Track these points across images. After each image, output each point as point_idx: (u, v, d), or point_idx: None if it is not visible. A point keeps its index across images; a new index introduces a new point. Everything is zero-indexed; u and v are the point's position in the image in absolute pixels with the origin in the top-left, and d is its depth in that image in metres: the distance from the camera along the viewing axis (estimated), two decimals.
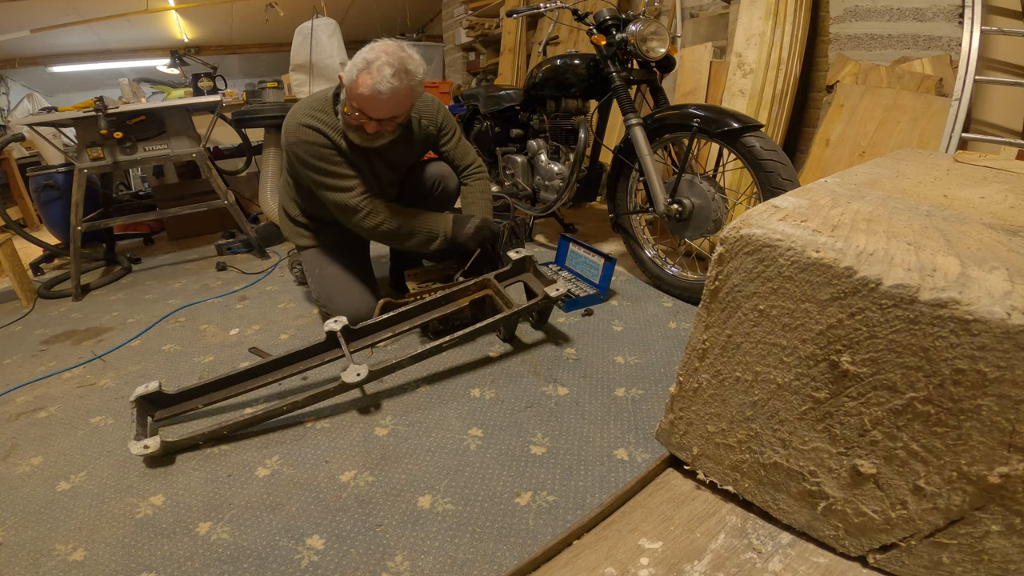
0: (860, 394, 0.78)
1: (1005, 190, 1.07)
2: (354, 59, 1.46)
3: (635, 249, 2.02)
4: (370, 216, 1.60)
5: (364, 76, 1.42)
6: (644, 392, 1.34)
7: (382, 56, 1.41)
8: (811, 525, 0.87)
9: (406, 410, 1.34)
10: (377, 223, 1.60)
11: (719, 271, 0.90)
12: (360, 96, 1.44)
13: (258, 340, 1.80)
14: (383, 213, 1.60)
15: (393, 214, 1.61)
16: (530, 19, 4.15)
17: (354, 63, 1.45)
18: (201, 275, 2.57)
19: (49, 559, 0.98)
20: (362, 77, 1.42)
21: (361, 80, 1.43)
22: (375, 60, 1.41)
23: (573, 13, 2.03)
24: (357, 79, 1.44)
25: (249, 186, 3.55)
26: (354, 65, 1.45)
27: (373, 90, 1.41)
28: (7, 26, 4.80)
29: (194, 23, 5.98)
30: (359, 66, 1.43)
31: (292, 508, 1.06)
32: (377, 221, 1.60)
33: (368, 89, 1.42)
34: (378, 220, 1.60)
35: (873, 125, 2.06)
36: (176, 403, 1.36)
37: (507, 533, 0.96)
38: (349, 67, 1.46)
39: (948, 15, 1.94)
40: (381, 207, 1.61)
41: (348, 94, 1.48)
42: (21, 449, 1.32)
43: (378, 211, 1.60)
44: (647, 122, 1.80)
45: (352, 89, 1.45)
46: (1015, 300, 0.64)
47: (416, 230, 1.63)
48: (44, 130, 2.72)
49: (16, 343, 1.97)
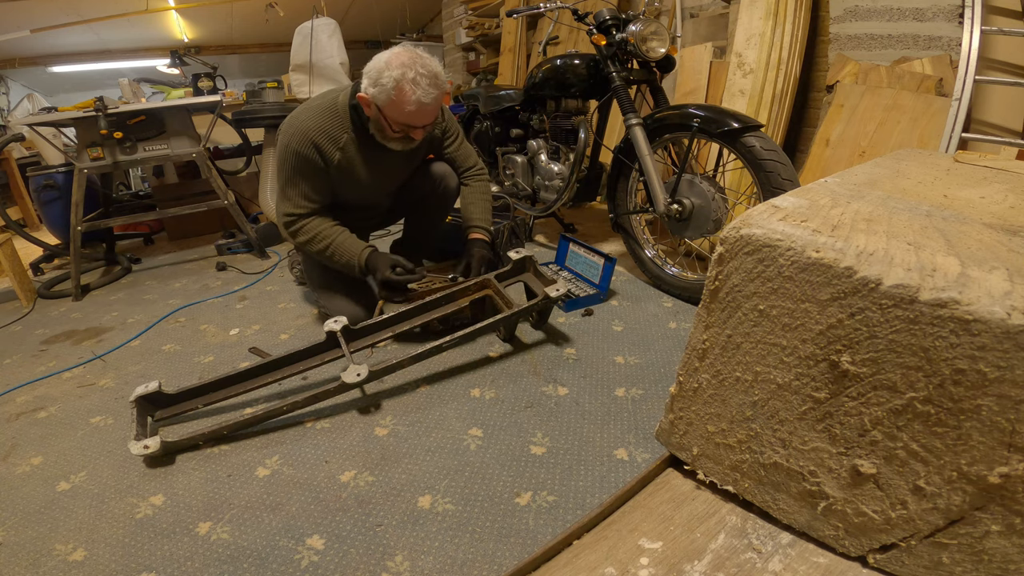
0: (860, 394, 0.78)
1: (1005, 190, 1.07)
2: (376, 79, 1.45)
3: (635, 249, 2.02)
4: (299, 233, 1.62)
5: (404, 94, 1.44)
6: (644, 392, 1.34)
7: (409, 70, 1.43)
8: (811, 525, 0.87)
9: (406, 410, 1.34)
10: (303, 241, 1.63)
11: (719, 271, 0.90)
12: (408, 113, 1.47)
13: (258, 340, 1.80)
14: (310, 233, 1.61)
15: (318, 236, 1.61)
16: (530, 19, 4.15)
17: (380, 83, 1.44)
18: (201, 275, 2.57)
19: (49, 559, 0.98)
20: (402, 96, 1.44)
21: (402, 98, 1.44)
22: (405, 75, 1.42)
23: (573, 13, 2.03)
24: (396, 99, 1.45)
25: (249, 186, 3.55)
26: (381, 85, 1.44)
27: (419, 104, 1.46)
28: (7, 26, 4.80)
29: (194, 23, 5.98)
30: (390, 86, 1.43)
31: (292, 508, 1.06)
32: (304, 240, 1.62)
33: (414, 105, 1.45)
34: (305, 239, 1.62)
35: (873, 125, 2.06)
36: (176, 403, 1.36)
37: (507, 533, 0.96)
38: (377, 88, 1.45)
39: (948, 15, 1.94)
40: (311, 228, 1.61)
41: (389, 113, 1.49)
42: (21, 449, 1.32)
43: (306, 231, 1.61)
44: (647, 122, 1.80)
45: (394, 109, 1.47)
46: (1015, 300, 0.64)
47: (334, 256, 1.62)
48: (44, 130, 2.72)
49: (16, 343, 1.97)
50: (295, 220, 1.62)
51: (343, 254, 1.61)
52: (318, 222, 1.63)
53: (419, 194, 1.89)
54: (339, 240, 1.62)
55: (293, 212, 1.61)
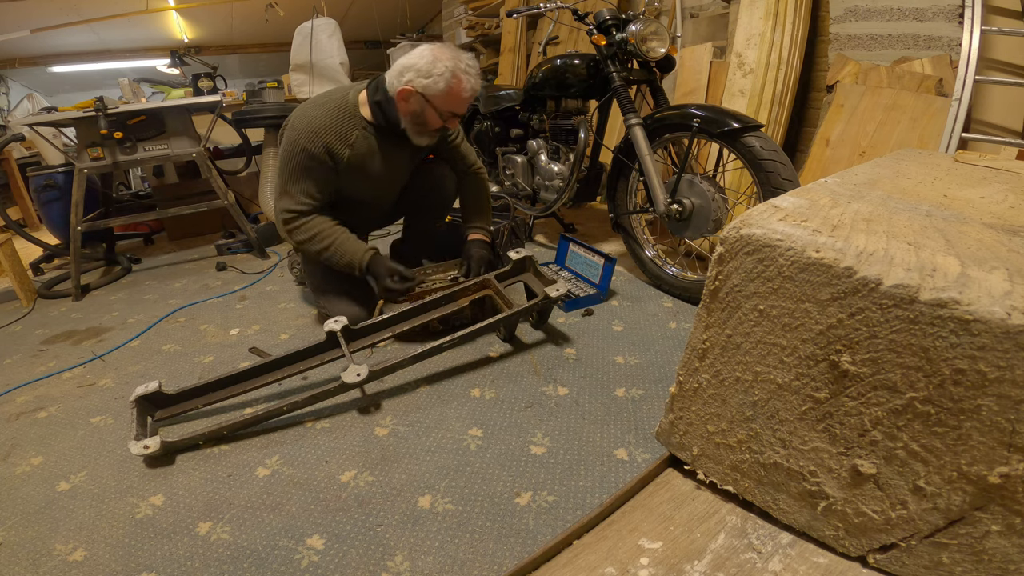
0: (860, 394, 0.78)
1: (1005, 190, 1.07)
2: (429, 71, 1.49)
3: (635, 249, 2.02)
4: (297, 232, 1.61)
5: (460, 82, 1.52)
6: (644, 392, 1.34)
7: (460, 62, 1.52)
8: (811, 525, 0.87)
9: (406, 410, 1.34)
10: (301, 240, 1.62)
11: (719, 271, 0.90)
12: (462, 100, 1.56)
13: (258, 340, 1.80)
14: (309, 232, 1.61)
15: (318, 236, 1.61)
16: (530, 19, 4.15)
17: (433, 73, 1.49)
18: (201, 275, 2.57)
19: (49, 559, 0.98)
20: (458, 84, 1.52)
21: (459, 86, 1.53)
22: (458, 66, 1.51)
23: (573, 13, 2.03)
24: (452, 87, 1.52)
25: (249, 186, 3.55)
26: (435, 75, 1.49)
27: (472, 90, 1.56)
28: (7, 26, 4.79)
29: (194, 23, 5.98)
30: (447, 76, 1.50)
31: (292, 508, 1.06)
32: (302, 238, 1.62)
33: (469, 91, 1.55)
34: (303, 238, 1.61)
35: (873, 125, 2.06)
36: (176, 403, 1.36)
37: (507, 533, 0.96)
38: (431, 79, 1.50)
39: (948, 15, 1.93)
40: (310, 227, 1.61)
41: (441, 103, 1.54)
42: (21, 449, 1.32)
43: (305, 230, 1.61)
44: (647, 122, 1.80)
45: (448, 96, 1.53)
46: (1015, 300, 0.64)
47: (333, 256, 1.62)
48: (44, 130, 2.72)
49: (16, 343, 1.97)
50: (295, 217, 1.61)
51: (344, 255, 1.61)
52: (319, 221, 1.62)
53: (418, 194, 1.89)
54: (340, 240, 1.62)
55: (294, 209, 1.60)
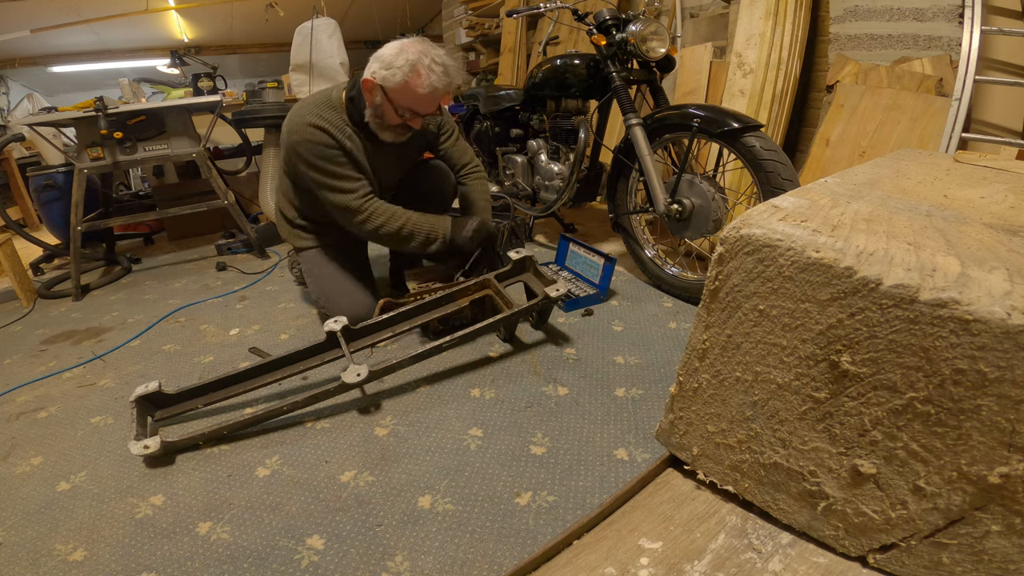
0: (860, 394, 0.78)
1: (1005, 190, 1.07)
2: (391, 62, 1.46)
3: (635, 249, 2.02)
4: (371, 219, 1.60)
5: (417, 77, 1.46)
6: (644, 392, 1.34)
7: (424, 56, 1.46)
8: (811, 525, 0.87)
9: (406, 410, 1.34)
10: (377, 225, 1.61)
11: (719, 271, 0.90)
12: (418, 97, 1.49)
13: (258, 340, 1.80)
14: (383, 216, 1.61)
15: (393, 217, 1.61)
16: (530, 19, 4.15)
17: (393, 65, 1.46)
18: (201, 275, 2.57)
19: (49, 559, 0.98)
20: (416, 79, 1.46)
21: (415, 81, 1.47)
22: (419, 60, 1.45)
23: (573, 13, 2.03)
24: (409, 81, 1.46)
25: (249, 186, 3.55)
26: (394, 68, 1.46)
27: (431, 88, 1.48)
28: (7, 26, 4.79)
29: (194, 23, 5.98)
30: (404, 69, 1.45)
31: (292, 508, 1.06)
32: (377, 224, 1.60)
33: (427, 88, 1.48)
34: (378, 223, 1.60)
35: (873, 125, 2.06)
36: (176, 403, 1.36)
37: (507, 533, 0.96)
38: (390, 71, 1.46)
39: (948, 15, 1.94)
40: (382, 209, 1.61)
41: (397, 96, 1.50)
42: (21, 449, 1.32)
43: (378, 214, 1.60)
44: (647, 122, 1.80)
45: (404, 91, 1.48)
46: (1015, 300, 0.64)
47: (415, 232, 1.63)
48: (44, 130, 2.72)
49: (16, 343, 1.97)
50: (363, 204, 1.59)
51: (421, 228, 1.62)
52: (383, 204, 1.62)
53: (417, 193, 1.89)
54: (413, 216, 1.62)
55: (359, 198, 1.58)
